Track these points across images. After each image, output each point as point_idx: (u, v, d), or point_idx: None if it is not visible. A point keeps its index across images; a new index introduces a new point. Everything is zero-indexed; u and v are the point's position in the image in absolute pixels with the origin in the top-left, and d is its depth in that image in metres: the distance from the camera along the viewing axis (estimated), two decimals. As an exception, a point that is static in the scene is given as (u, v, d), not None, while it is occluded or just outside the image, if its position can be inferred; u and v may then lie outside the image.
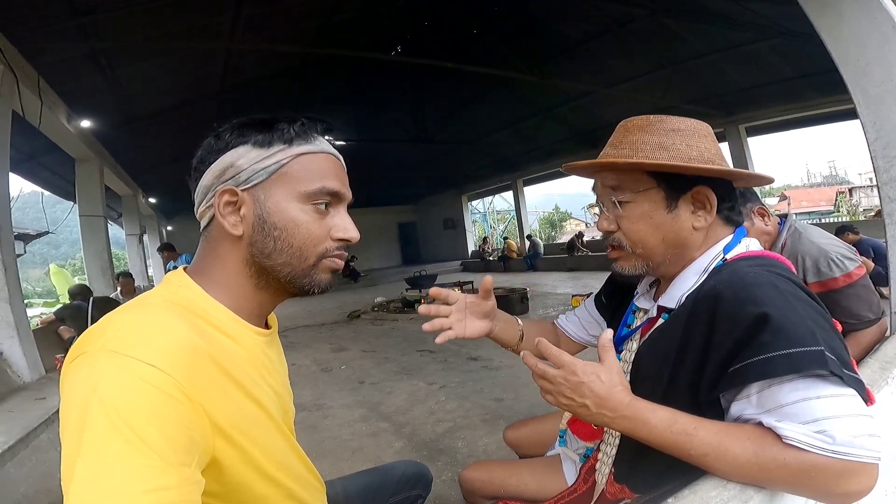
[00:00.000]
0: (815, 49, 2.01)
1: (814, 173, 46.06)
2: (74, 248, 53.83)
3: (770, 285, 0.66)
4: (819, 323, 0.63)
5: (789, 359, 0.59)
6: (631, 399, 0.70)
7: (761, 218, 1.65)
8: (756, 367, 0.61)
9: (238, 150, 0.64)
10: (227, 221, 0.64)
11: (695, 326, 0.71)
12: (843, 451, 0.57)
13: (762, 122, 9.29)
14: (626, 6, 7.04)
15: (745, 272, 0.70)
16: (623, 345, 0.91)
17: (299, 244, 0.65)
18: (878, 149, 1.77)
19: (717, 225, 0.81)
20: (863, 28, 1.73)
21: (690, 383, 0.71)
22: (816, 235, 1.62)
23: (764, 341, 0.61)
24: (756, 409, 0.64)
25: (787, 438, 0.59)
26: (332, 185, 0.67)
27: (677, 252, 0.80)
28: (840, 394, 0.59)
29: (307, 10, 6.51)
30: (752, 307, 0.64)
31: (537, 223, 27.25)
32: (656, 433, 0.67)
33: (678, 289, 0.80)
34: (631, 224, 0.80)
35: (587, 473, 0.99)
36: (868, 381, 0.95)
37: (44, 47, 4.65)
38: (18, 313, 3.59)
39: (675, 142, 0.77)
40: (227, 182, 0.64)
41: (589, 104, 10.15)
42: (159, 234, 13.84)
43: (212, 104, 8.09)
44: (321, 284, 0.68)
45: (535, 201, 30.34)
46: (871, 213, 14.02)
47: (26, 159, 7.36)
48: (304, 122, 0.67)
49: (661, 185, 0.78)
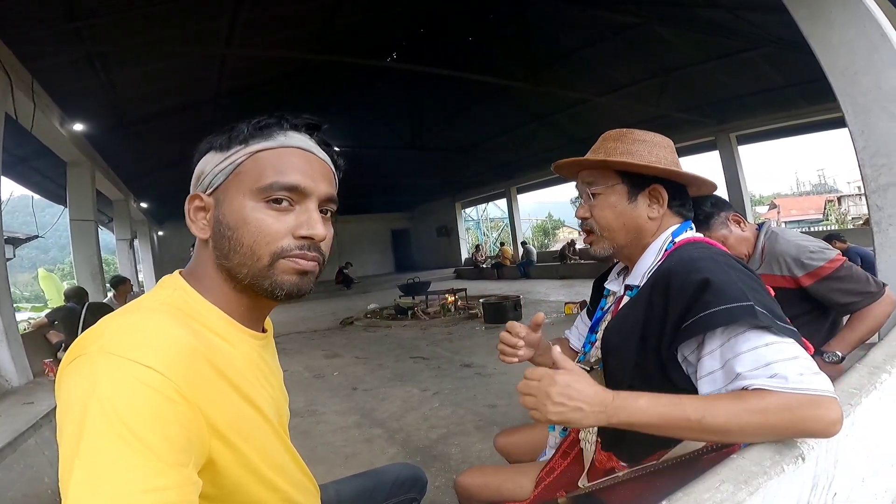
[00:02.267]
0: (805, 58, 2.05)
1: (803, 182, 46.64)
2: (64, 253, 53.32)
3: (710, 259, 0.83)
4: (750, 285, 0.78)
5: (728, 312, 0.73)
6: (614, 392, 0.77)
7: (737, 224, 1.69)
8: (703, 321, 0.75)
9: (206, 156, 0.67)
10: (196, 226, 0.66)
11: (655, 298, 0.85)
12: (797, 387, 0.68)
13: (753, 130, 9.38)
14: (621, 15, 7.13)
15: (690, 251, 0.88)
16: (598, 325, 1.06)
17: (249, 243, 0.62)
18: (866, 157, 1.80)
19: (669, 216, 0.98)
20: (852, 37, 1.76)
21: (656, 347, 0.83)
22: (791, 235, 1.67)
23: (707, 300, 0.75)
24: (720, 361, 0.76)
25: (752, 385, 0.71)
26: (287, 180, 0.63)
27: (636, 236, 0.97)
28: (780, 341, 0.72)
29: (304, 17, 6.55)
30: (696, 275, 0.79)
31: (530, 231, 27.31)
32: (650, 412, 0.74)
33: (641, 267, 0.96)
34: (600, 212, 0.99)
35: (568, 447, 1.09)
36: (856, 386, 0.97)
37: (39, 50, 4.63)
38: (7, 317, 3.54)
39: (640, 149, 0.97)
40: (198, 188, 0.66)
41: (583, 112, 10.23)
42: (150, 239, 13.73)
43: (207, 109, 8.08)
44: (284, 286, 0.63)
45: (529, 209, 30.41)
46: (859, 221, 14.20)
47: (18, 162, 7.30)
48: (261, 120, 0.66)
49: (624, 181, 0.97)
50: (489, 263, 15.03)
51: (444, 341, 5.36)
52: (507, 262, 14.33)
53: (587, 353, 1.08)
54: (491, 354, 4.44)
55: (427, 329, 6.42)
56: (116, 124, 7.24)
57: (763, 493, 0.66)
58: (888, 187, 1.78)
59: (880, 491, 1.01)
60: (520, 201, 16.41)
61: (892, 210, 1.78)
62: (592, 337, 1.07)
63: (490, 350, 4.60)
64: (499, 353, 1.09)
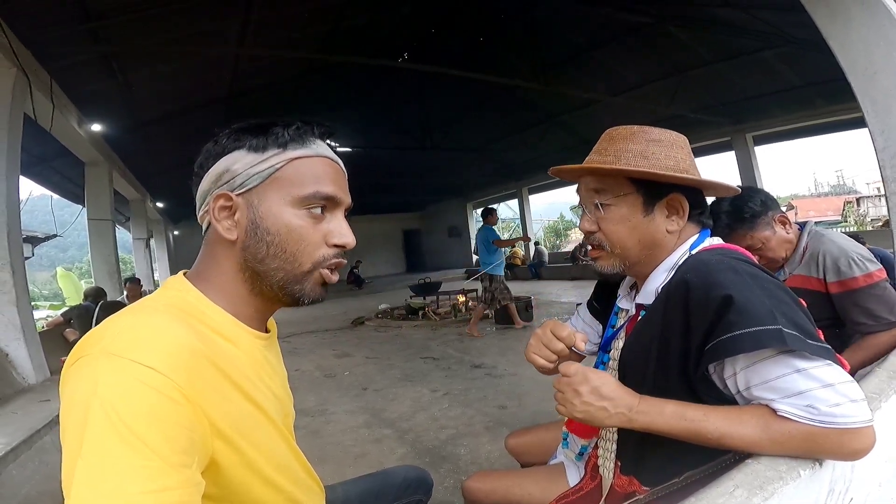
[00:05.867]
0: (821, 57, 2.02)
1: (821, 183, 45.74)
2: (82, 252, 54.21)
3: (730, 269, 0.74)
4: (777, 297, 0.71)
5: (752, 336, 0.67)
6: (641, 396, 0.76)
7: (783, 226, 1.61)
8: (726, 344, 0.69)
9: (234, 154, 0.65)
10: (222, 226, 0.64)
11: (672, 314, 0.77)
12: (829, 421, 0.64)
13: (769, 130, 9.22)
14: (633, 14, 7.05)
15: (707, 259, 0.78)
16: (611, 344, 0.98)
17: (293, 249, 0.64)
18: (887, 158, 1.76)
19: (688, 228, 0.88)
20: (871, 36, 1.73)
21: (681, 368, 0.76)
22: (837, 237, 1.59)
23: (731, 321, 0.69)
24: (744, 385, 0.71)
25: (780, 412, 0.67)
26: (326, 190, 0.65)
27: (651, 253, 0.87)
28: (813, 366, 0.66)
29: (315, 17, 6.57)
30: (717, 290, 0.71)
31: (542, 232, 27.18)
32: (672, 423, 0.72)
33: (652, 285, 0.87)
34: (611, 226, 0.87)
35: (593, 471, 1.00)
36: (875, 391, 0.95)
37: (56, 51, 4.70)
38: (25, 315, 3.60)
39: (655, 151, 0.85)
40: (223, 187, 0.65)
41: (595, 112, 10.14)
42: (166, 238, 13.93)
43: (220, 109, 8.16)
44: (311, 295, 0.67)
45: (540, 209, 30.21)
46: (878, 223, 13.89)
47: (37, 162, 7.45)
48: (299, 125, 0.67)
49: (639, 190, 0.85)
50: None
51: (454, 342, 5.36)
52: (518, 263, 14.27)
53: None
54: (501, 355, 4.43)
55: (438, 329, 6.42)
56: (133, 124, 7.34)
57: (778, 498, 0.65)
58: (909, 188, 1.74)
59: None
60: (531, 202, 16.34)
61: (912, 211, 1.75)
62: (605, 357, 0.99)
63: (500, 351, 4.60)
64: (530, 350, 0.93)
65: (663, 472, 0.80)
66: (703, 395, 0.76)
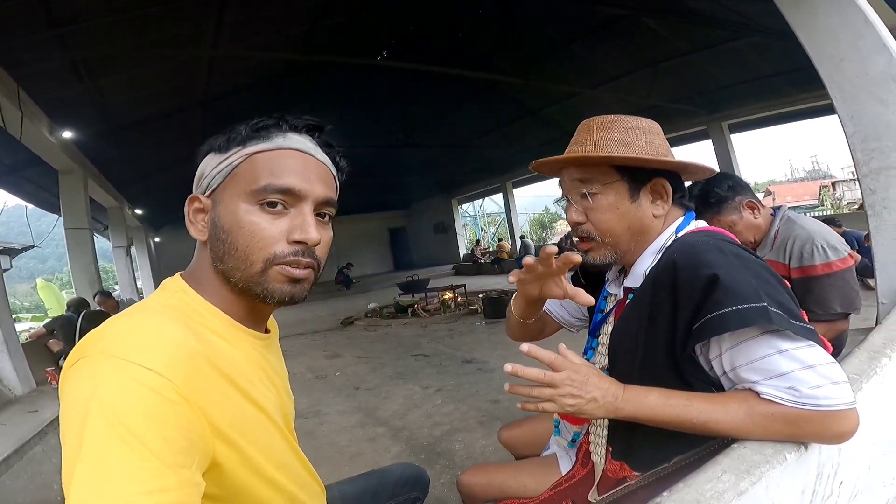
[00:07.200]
0: (791, 46, 2.05)
1: (797, 168, 46.62)
2: (62, 262, 52.90)
3: (715, 249, 0.76)
4: (763, 277, 0.72)
5: (738, 314, 0.67)
6: (625, 385, 0.77)
7: (751, 211, 1.64)
8: (713, 322, 0.70)
9: (206, 158, 0.67)
10: (195, 228, 0.66)
11: (660, 295, 0.78)
12: (811, 403, 0.65)
13: (744, 118, 9.39)
14: (610, 7, 7.11)
15: (693, 241, 0.80)
16: (599, 329, 0.99)
17: (243, 247, 0.61)
18: (857, 142, 1.80)
19: (673, 211, 0.90)
20: (836, 24, 1.76)
21: (667, 350, 0.78)
22: (809, 223, 1.61)
23: (717, 299, 0.69)
24: (730, 366, 0.72)
25: (763, 394, 0.68)
26: (281, 182, 0.62)
27: (640, 238, 0.89)
28: (795, 346, 0.67)
29: (292, 17, 6.50)
30: (704, 270, 0.72)
31: (528, 225, 27.27)
32: (657, 410, 0.74)
33: (640, 268, 0.88)
34: (600, 215, 0.88)
35: (584, 457, 1.01)
36: (856, 372, 0.95)
37: (22, 58, 4.58)
38: (7, 328, 3.56)
39: (635, 138, 0.86)
40: (197, 190, 0.67)
41: (575, 105, 10.19)
42: (147, 246, 13.64)
43: (197, 113, 8.02)
44: (275, 294, 0.62)
45: (525, 203, 30.38)
46: (854, 205, 14.25)
47: (9, 172, 7.26)
48: (259, 120, 0.66)
49: (624, 177, 0.86)
50: (488, 259, 15.02)
51: (444, 338, 5.36)
52: (505, 257, 14.34)
53: (589, 360, 0.98)
54: (492, 350, 4.45)
55: (427, 326, 6.42)
56: (106, 130, 7.18)
57: (766, 482, 0.66)
58: (880, 171, 1.78)
59: (888, 478, 1.00)
60: (516, 195, 16.42)
61: (885, 193, 1.79)
62: (594, 342, 1.00)
63: (491, 345, 4.63)
64: (516, 280, 0.92)
65: (654, 457, 0.81)
66: (690, 377, 0.77)
